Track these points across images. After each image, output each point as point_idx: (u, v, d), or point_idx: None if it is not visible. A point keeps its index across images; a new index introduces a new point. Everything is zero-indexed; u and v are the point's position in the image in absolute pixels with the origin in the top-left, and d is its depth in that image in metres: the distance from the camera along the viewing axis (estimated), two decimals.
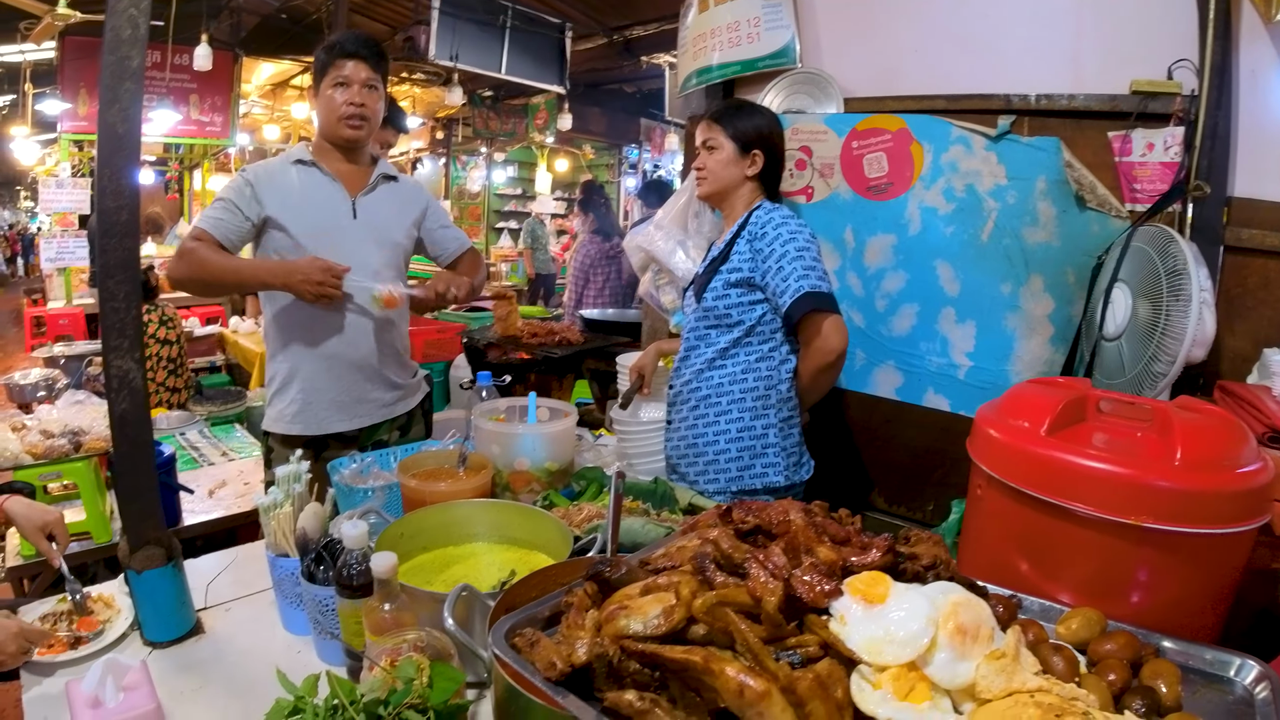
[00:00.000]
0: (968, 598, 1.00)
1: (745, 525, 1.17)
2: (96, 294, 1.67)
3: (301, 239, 2.49)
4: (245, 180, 2.49)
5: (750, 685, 0.86)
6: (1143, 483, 1.41)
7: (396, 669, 1.23)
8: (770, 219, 2.40)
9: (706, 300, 2.48)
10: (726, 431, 2.47)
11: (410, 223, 2.74)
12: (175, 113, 8.37)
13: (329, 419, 2.61)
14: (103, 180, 1.62)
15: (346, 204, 2.56)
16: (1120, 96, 2.51)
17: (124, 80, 1.61)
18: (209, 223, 2.44)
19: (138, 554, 1.70)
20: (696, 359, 2.53)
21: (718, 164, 2.49)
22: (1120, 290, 2.33)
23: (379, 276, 2.55)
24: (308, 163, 2.55)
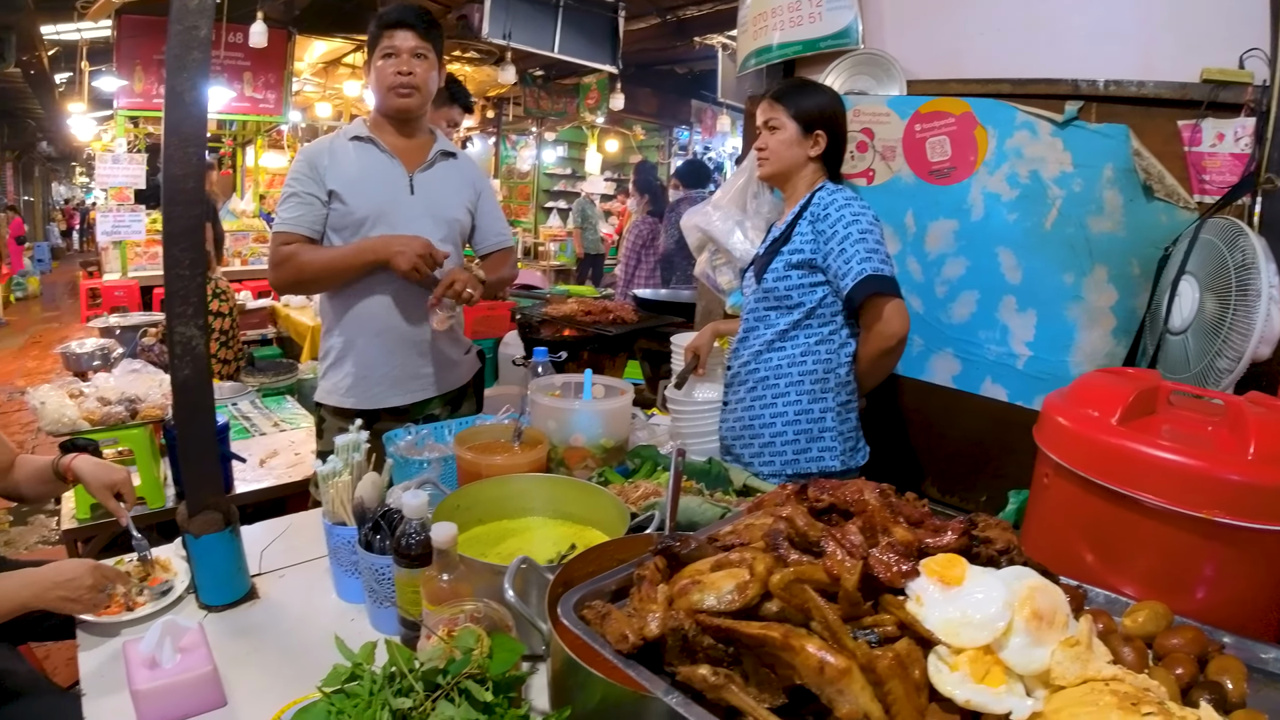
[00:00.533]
0: (1044, 583, 0.99)
1: (820, 504, 1.16)
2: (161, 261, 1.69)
3: (360, 215, 2.50)
4: (304, 161, 2.51)
5: (831, 662, 0.85)
6: (1214, 475, 1.38)
7: (455, 639, 1.23)
8: (834, 200, 2.36)
9: (767, 281, 2.45)
10: (783, 414, 2.46)
11: (467, 200, 2.74)
12: (229, 90, 8.46)
13: (382, 393, 2.62)
14: (169, 148, 1.63)
15: (404, 180, 2.56)
16: (1190, 85, 2.43)
17: (191, 49, 1.63)
18: (288, 223, 2.49)
19: (196, 518, 1.73)
20: (755, 340, 2.51)
21: (780, 144, 2.46)
22: (1187, 283, 2.28)
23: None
24: (365, 139, 2.56)
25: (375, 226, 2.50)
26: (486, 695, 1.13)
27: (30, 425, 5.73)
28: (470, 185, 2.76)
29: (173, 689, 1.43)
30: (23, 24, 8.26)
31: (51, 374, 7.41)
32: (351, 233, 2.51)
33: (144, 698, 1.41)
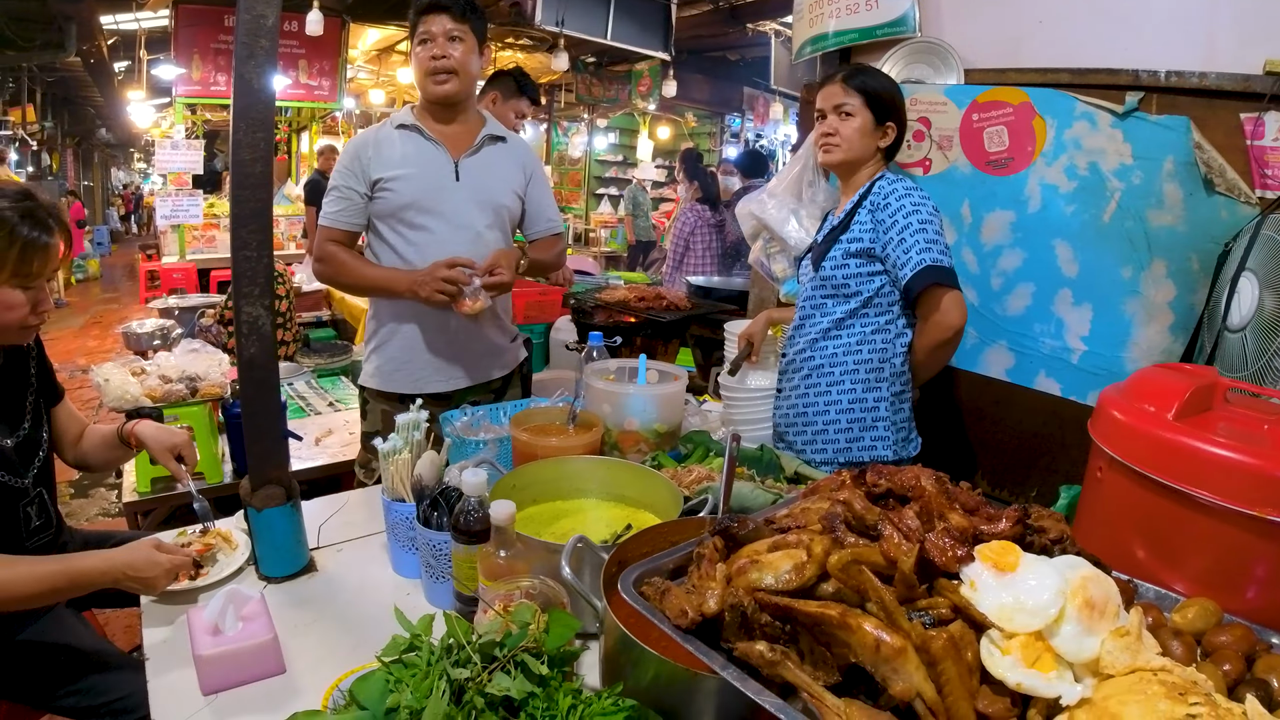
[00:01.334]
0: (1096, 574, 0.99)
1: (878, 489, 1.18)
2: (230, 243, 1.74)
3: (404, 202, 2.53)
4: (350, 155, 2.56)
5: (886, 641, 0.87)
6: (1268, 473, 1.37)
7: (512, 613, 1.26)
8: (894, 189, 2.36)
9: (825, 269, 2.44)
10: (837, 402, 2.46)
11: (517, 184, 2.73)
12: (285, 77, 8.58)
13: (425, 378, 2.65)
14: (238, 133, 1.68)
15: (449, 166, 2.56)
16: (1254, 77, 2.38)
17: (259, 37, 1.67)
18: (331, 218, 2.57)
19: (259, 492, 1.79)
20: (811, 328, 2.50)
21: (854, 132, 2.41)
22: (1247, 280, 2.24)
23: (481, 240, 2.59)
24: (410, 126, 2.57)
25: (421, 214, 2.54)
26: (542, 668, 1.17)
27: (92, 401, 5.88)
28: (520, 169, 2.75)
29: (235, 655, 1.48)
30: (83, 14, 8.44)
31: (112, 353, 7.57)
32: (397, 220, 2.55)
33: (206, 663, 1.46)
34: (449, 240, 2.54)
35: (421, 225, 2.55)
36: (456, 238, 2.55)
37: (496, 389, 2.85)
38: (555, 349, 4.57)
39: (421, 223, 2.54)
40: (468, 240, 2.56)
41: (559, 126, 14.51)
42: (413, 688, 1.18)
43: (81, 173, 22.62)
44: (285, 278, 5.64)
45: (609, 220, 13.17)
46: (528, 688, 1.15)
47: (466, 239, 2.56)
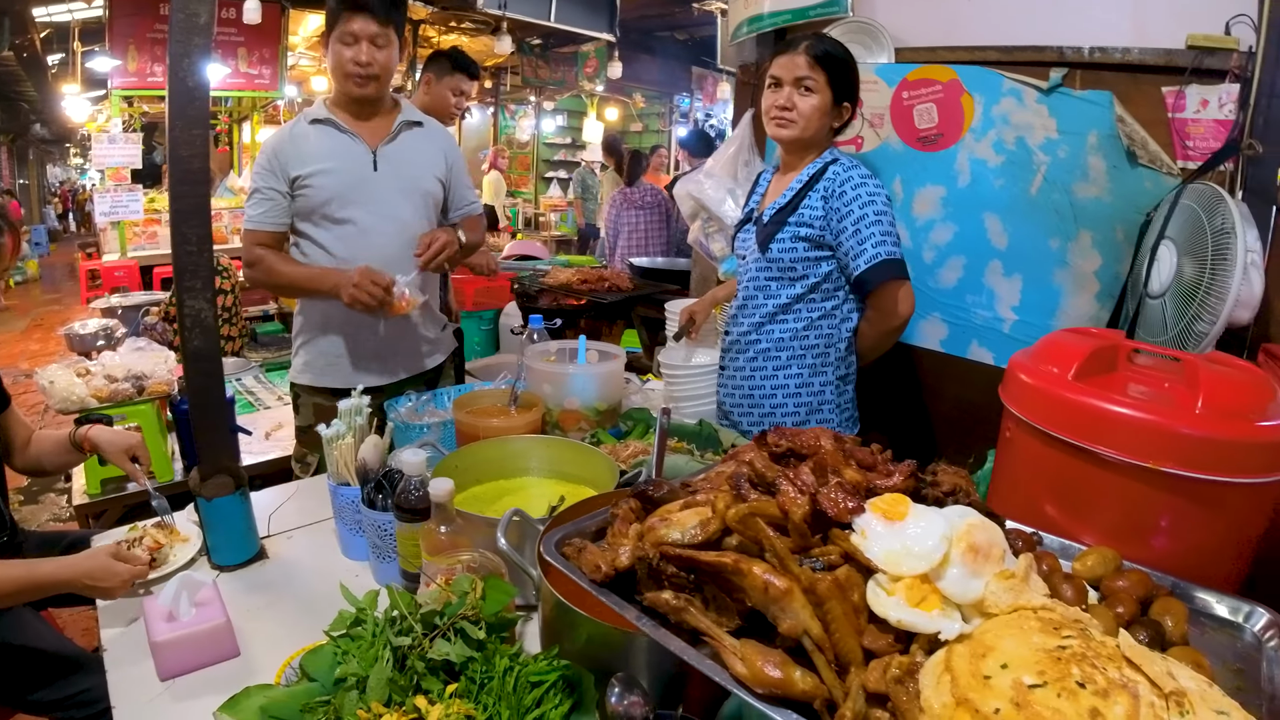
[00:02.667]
0: (983, 521, 1.06)
1: (779, 448, 1.24)
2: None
3: (324, 198, 2.50)
4: (266, 154, 2.52)
5: (774, 583, 0.93)
6: (1165, 428, 1.43)
7: (452, 585, 1.32)
8: (849, 177, 2.32)
9: (772, 251, 2.41)
10: (785, 386, 2.47)
11: (439, 169, 2.70)
12: (224, 66, 8.40)
13: (355, 374, 2.62)
14: (175, 131, 1.70)
15: (367, 156, 2.53)
16: (1176, 51, 2.46)
17: (193, 35, 1.70)
18: (255, 220, 2.53)
19: (208, 482, 1.82)
20: (755, 310, 2.49)
21: (813, 110, 2.33)
22: (1166, 248, 2.31)
23: (408, 228, 2.58)
24: (324, 120, 2.53)
25: (343, 207, 2.51)
26: (480, 634, 1.22)
27: (37, 405, 5.80)
28: (441, 154, 2.73)
29: (190, 639, 1.51)
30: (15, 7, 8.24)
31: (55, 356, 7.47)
32: (320, 216, 2.52)
33: (162, 649, 1.50)
34: (375, 231, 2.53)
35: (345, 219, 2.52)
36: (382, 228, 2.54)
37: (429, 379, 2.86)
38: (505, 334, 4.61)
39: (345, 216, 2.51)
40: (394, 230, 2.56)
41: (506, 110, 14.41)
42: (359, 658, 1.23)
43: (17, 171, 22.09)
44: (230, 272, 5.60)
45: (559, 204, 13.09)
46: (467, 652, 1.20)
47: (392, 229, 2.56)
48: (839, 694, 0.87)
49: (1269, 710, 1.02)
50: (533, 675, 1.19)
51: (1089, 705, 0.80)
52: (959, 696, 0.83)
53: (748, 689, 0.89)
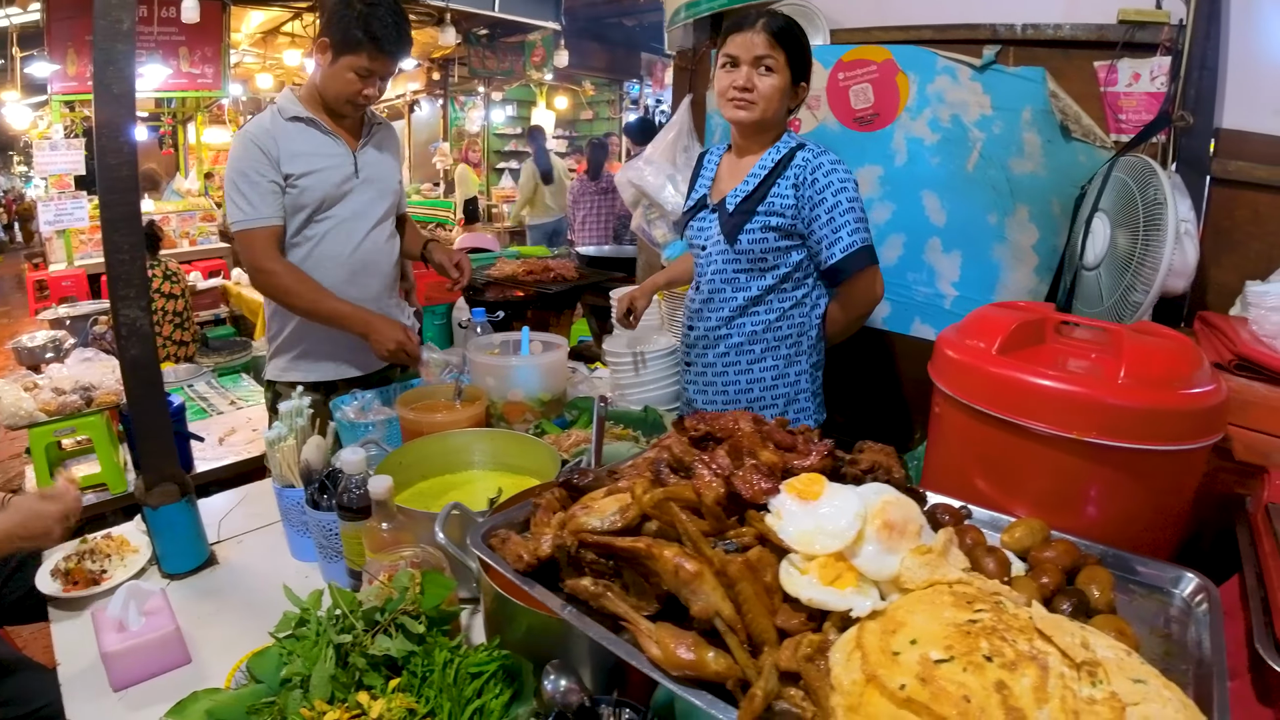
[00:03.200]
0: (898, 498, 1.08)
1: (697, 432, 1.27)
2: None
3: (311, 201, 2.49)
4: (255, 146, 2.42)
5: (685, 566, 0.95)
6: (1088, 399, 1.44)
7: (393, 580, 1.32)
8: (820, 164, 2.23)
9: (741, 243, 2.31)
10: (761, 380, 2.42)
11: (398, 170, 2.77)
12: (165, 67, 8.27)
13: (331, 367, 2.67)
14: (102, 140, 1.69)
15: (349, 159, 2.56)
16: (1107, 26, 2.50)
17: (116, 42, 1.68)
18: (256, 217, 2.43)
19: (154, 491, 1.81)
20: (724, 304, 2.40)
21: (774, 90, 2.21)
22: (1100, 220, 2.35)
23: (380, 228, 2.64)
24: (304, 119, 2.50)
25: (328, 208, 2.52)
26: (419, 628, 1.24)
27: None
28: (396, 154, 2.79)
29: (140, 649, 1.51)
30: None
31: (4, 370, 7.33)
32: (305, 218, 2.50)
33: (113, 659, 1.49)
34: (350, 230, 2.57)
35: (327, 217, 2.54)
36: (360, 228, 2.58)
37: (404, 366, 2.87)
38: (456, 328, 4.60)
39: (327, 214, 2.54)
40: (369, 227, 2.61)
41: (455, 101, 14.27)
42: (303, 657, 1.24)
43: None
44: (180, 276, 5.54)
45: (510, 195, 13.00)
46: (407, 646, 1.22)
47: (368, 226, 2.60)
48: (752, 673, 0.88)
49: (1196, 674, 1.05)
50: (473, 666, 1.20)
51: (995, 678, 0.81)
52: (868, 673, 0.84)
53: (663, 671, 0.91)
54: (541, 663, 1.13)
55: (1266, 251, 2.39)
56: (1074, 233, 2.56)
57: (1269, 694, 1.17)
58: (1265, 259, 2.37)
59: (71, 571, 1.82)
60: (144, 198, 8.56)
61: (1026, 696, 0.80)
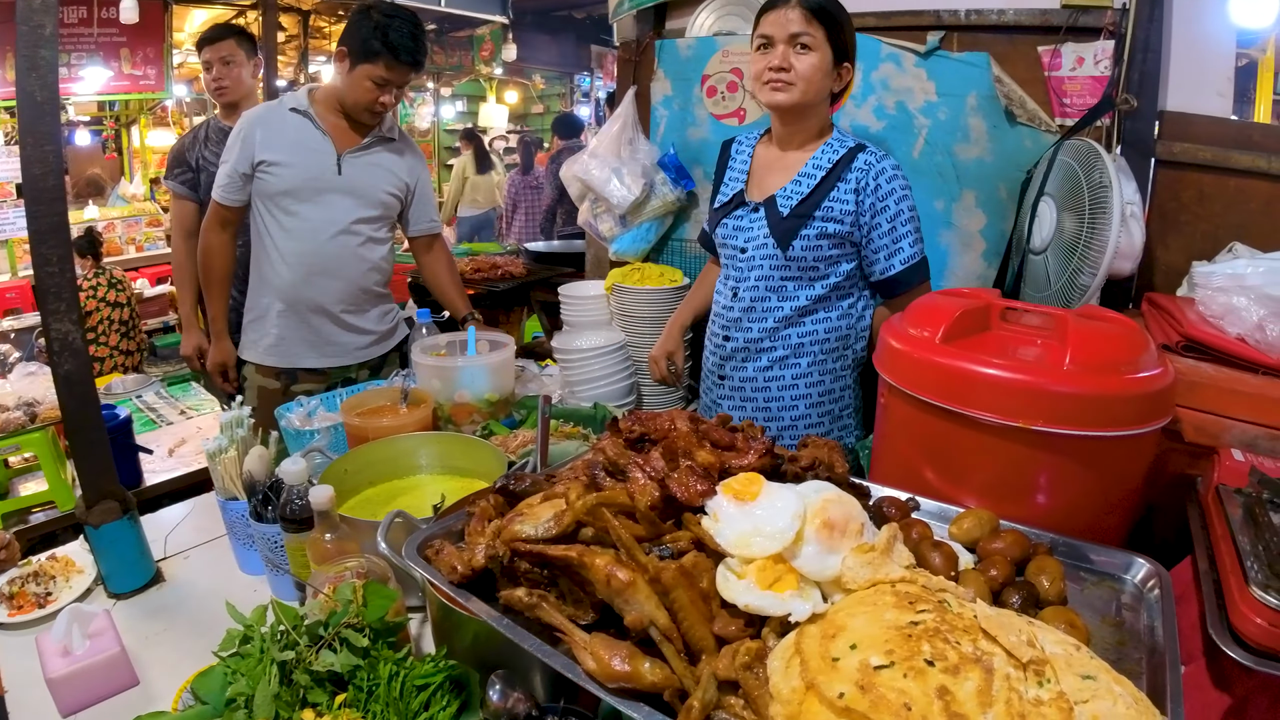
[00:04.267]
0: (839, 495, 1.07)
1: (632, 434, 1.25)
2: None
3: (283, 188, 2.57)
4: (238, 132, 2.60)
5: (617, 575, 0.93)
6: (1033, 387, 1.43)
7: (336, 593, 1.30)
8: (883, 170, 2.13)
9: (795, 249, 2.17)
10: (807, 395, 2.30)
11: (400, 185, 2.79)
12: (106, 69, 8.08)
13: (301, 355, 2.73)
14: (26, 149, 1.64)
15: (332, 158, 2.61)
16: (1051, 11, 2.52)
17: (39, 48, 1.62)
18: (220, 192, 2.68)
19: (95, 509, 1.76)
20: (768, 314, 2.26)
21: (813, 69, 2.06)
22: (1046, 204, 2.36)
23: (350, 231, 2.66)
24: (302, 111, 2.60)
25: (298, 201, 2.58)
26: (364, 641, 1.21)
27: None
28: (408, 170, 2.82)
29: (86, 673, 1.47)
30: None
31: None
32: (274, 203, 2.59)
33: (59, 685, 1.45)
34: (320, 230, 2.61)
35: (295, 212, 2.60)
36: (326, 229, 2.62)
37: (374, 366, 2.92)
38: None
39: (296, 209, 2.59)
40: (337, 231, 2.64)
41: (405, 98, 14.12)
42: (248, 676, 1.21)
43: None
44: (125, 284, 5.42)
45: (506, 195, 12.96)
46: (352, 661, 1.19)
47: (335, 230, 2.63)
48: (690, 683, 0.87)
49: (1149, 662, 1.06)
50: (419, 679, 1.18)
51: (937, 684, 0.80)
52: (808, 681, 0.83)
53: (599, 684, 0.90)
54: (490, 671, 1.11)
55: (1212, 232, 2.42)
56: (1020, 217, 2.57)
57: (1224, 678, 1.17)
58: (1211, 239, 2.40)
59: (16, 595, 1.77)
60: (89, 204, 8.40)
61: (970, 701, 0.79)
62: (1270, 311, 1.75)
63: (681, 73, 3.24)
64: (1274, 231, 2.32)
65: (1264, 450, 1.59)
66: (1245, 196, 2.37)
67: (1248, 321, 1.78)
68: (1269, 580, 1.08)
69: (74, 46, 7.76)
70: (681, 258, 3.36)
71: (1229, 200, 2.39)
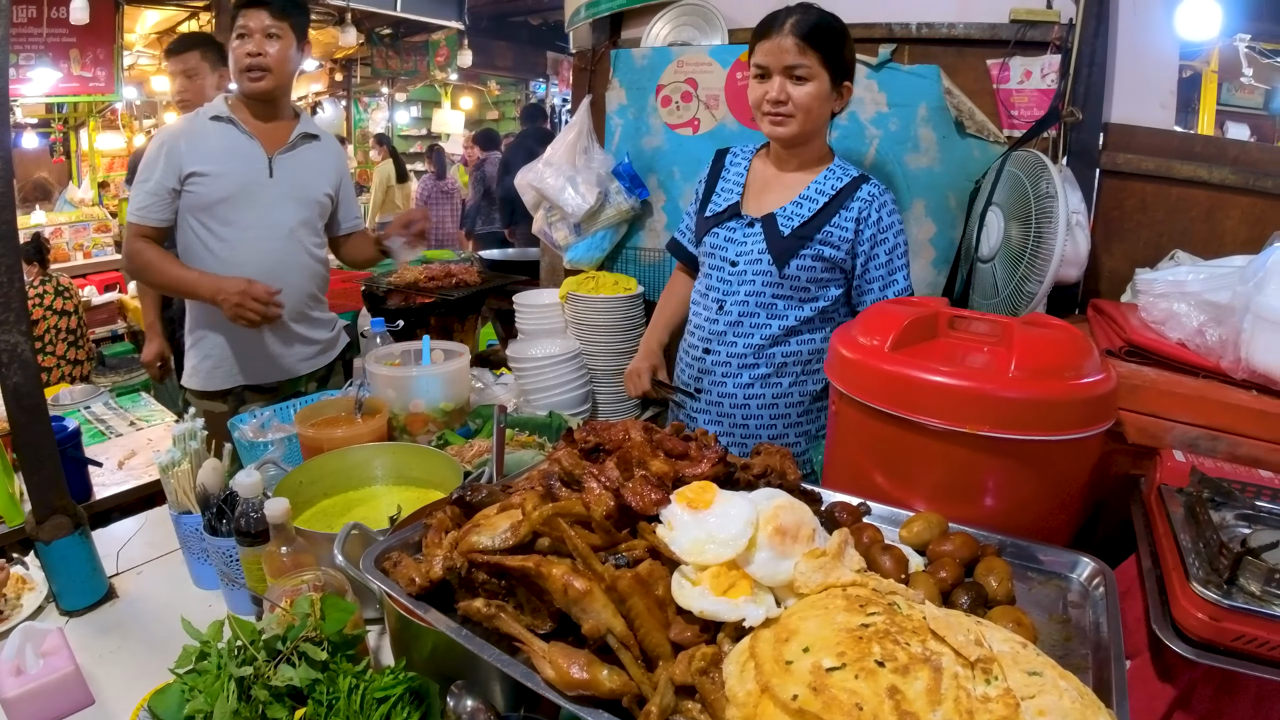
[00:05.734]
0: (791, 502, 1.09)
1: (587, 444, 1.27)
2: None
3: (217, 197, 2.50)
4: (160, 145, 2.50)
5: (573, 584, 0.95)
6: (979, 393, 1.46)
7: (294, 606, 1.29)
8: (885, 203, 2.15)
9: (790, 269, 2.17)
10: (786, 415, 2.30)
11: (330, 183, 2.75)
12: (55, 70, 7.93)
13: (247, 373, 2.67)
14: None
15: (263, 162, 2.56)
16: (1000, 25, 2.58)
17: None
18: (139, 214, 2.50)
19: (45, 524, 1.73)
20: (756, 330, 2.25)
21: (810, 100, 2.05)
22: (994, 213, 2.41)
23: (294, 237, 2.61)
24: (224, 118, 2.53)
25: (234, 208, 2.52)
26: (322, 655, 1.20)
27: None
28: (334, 168, 2.78)
29: (39, 692, 1.44)
30: None
31: None
32: (209, 215, 2.51)
33: (12, 705, 1.42)
34: (261, 237, 2.55)
35: (233, 221, 2.53)
36: (269, 235, 2.57)
37: (320, 377, 2.87)
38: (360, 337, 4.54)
39: (233, 219, 2.53)
40: (280, 236, 2.58)
41: (359, 102, 14.04)
42: (206, 693, 1.20)
43: None
44: (72, 291, 5.32)
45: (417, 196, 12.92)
46: (310, 675, 1.18)
47: (278, 235, 2.58)
48: (647, 689, 0.89)
49: (1095, 658, 1.09)
50: (379, 691, 1.18)
51: (888, 684, 0.82)
52: (762, 684, 0.85)
53: (558, 691, 0.91)
54: (449, 682, 1.11)
55: (1154, 239, 2.49)
56: (969, 226, 2.62)
57: (1167, 670, 1.21)
58: (1153, 246, 2.47)
59: None
60: (35, 209, 8.23)
61: (920, 700, 0.81)
62: (1210, 317, 1.79)
63: (636, 82, 3.26)
64: (1214, 238, 2.39)
65: (1204, 450, 1.65)
66: (1186, 205, 2.44)
67: (1188, 327, 1.82)
68: (1209, 576, 1.12)
69: (23, 47, 7.61)
70: (636, 266, 3.37)
71: (1171, 208, 2.46)
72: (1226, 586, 1.09)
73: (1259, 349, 1.65)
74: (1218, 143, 2.53)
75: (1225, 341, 1.73)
